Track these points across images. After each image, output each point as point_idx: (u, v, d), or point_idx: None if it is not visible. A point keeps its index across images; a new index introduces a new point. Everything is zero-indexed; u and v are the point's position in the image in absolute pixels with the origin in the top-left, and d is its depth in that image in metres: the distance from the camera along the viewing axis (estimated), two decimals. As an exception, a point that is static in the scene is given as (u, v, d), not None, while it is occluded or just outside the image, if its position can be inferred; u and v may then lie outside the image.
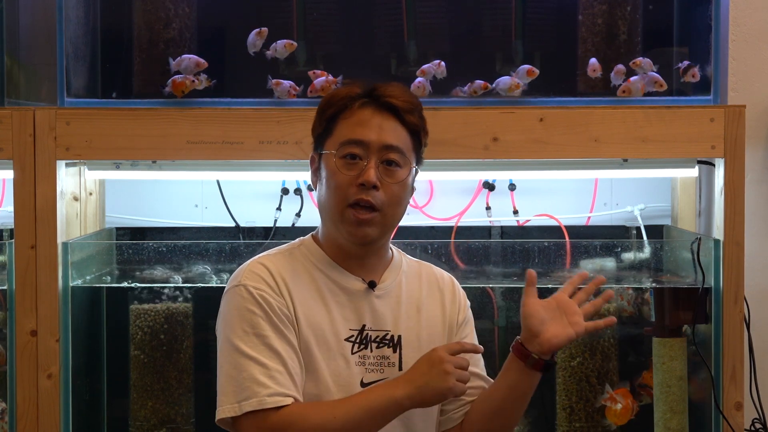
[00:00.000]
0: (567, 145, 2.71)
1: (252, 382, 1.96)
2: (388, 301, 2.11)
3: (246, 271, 2.05)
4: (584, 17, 2.93)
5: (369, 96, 2.07)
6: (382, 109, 2.05)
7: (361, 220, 2.02)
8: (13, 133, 2.70)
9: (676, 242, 3.05)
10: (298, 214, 3.29)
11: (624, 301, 3.08)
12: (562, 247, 2.94)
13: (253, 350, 1.98)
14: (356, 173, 2.03)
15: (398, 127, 2.06)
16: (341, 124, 2.07)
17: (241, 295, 2.02)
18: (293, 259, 2.10)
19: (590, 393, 2.98)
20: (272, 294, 2.02)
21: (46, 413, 2.71)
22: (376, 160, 2.03)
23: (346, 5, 3.02)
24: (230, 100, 2.83)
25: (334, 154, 2.05)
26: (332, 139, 2.07)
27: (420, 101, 2.11)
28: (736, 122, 2.69)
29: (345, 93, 2.08)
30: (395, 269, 2.15)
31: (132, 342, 3.05)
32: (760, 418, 2.97)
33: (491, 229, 3.30)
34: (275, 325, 2.00)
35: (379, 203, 2.02)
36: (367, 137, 2.03)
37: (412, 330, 2.12)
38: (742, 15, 3.19)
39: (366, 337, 2.08)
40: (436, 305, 2.17)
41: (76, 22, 2.90)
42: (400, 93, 2.07)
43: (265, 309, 2.00)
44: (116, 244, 3.10)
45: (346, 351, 2.05)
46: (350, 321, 2.07)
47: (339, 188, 2.03)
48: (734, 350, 2.69)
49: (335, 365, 2.04)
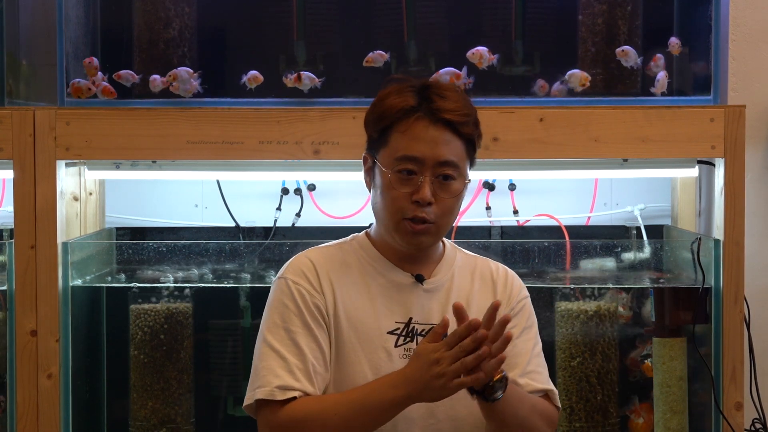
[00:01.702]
0: (567, 145, 2.71)
1: (268, 372, 2.01)
2: (437, 295, 2.12)
3: (291, 264, 2.11)
4: (584, 17, 2.92)
5: (423, 109, 2.04)
6: (437, 123, 2.04)
7: (416, 231, 2.04)
8: (13, 133, 2.71)
9: (676, 242, 3.05)
10: (298, 214, 3.29)
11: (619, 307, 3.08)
12: (562, 247, 2.94)
13: (279, 343, 2.03)
14: (411, 189, 2.03)
15: (453, 139, 2.04)
16: (395, 136, 2.05)
17: (281, 287, 2.08)
18: (343, 252, 2.12)
19: (590, 393, 2.98)
20: (310, 289, 2.07)
21: (46, 413, 2.71)
22: (431, 176, 2.03)
23: (346, 5, 3.01)
24: (230, 100, 2.83)
25: (389, 169, 2.04)
26: (387, 150, 2.06)
27: (474, 107, 2.09)
28: (736, 122, 2.69)
29: (399, 105, 2.05)
30: (447, 264, 2.16)
31: (132, 342, 3.05)
32: (760, 418, 2.97)
33: (491, 229, 3.30)
34: (305, 321, 2.04)
35: (433, 218, 2.04)
36: (422, 153, 2.03)
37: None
38: (742, 15, 3.19)
39: (412, 330, 2.09)
40: (488, 299, 2.14)
41: (76, 22, 2.90)
42: (454, 105, 2.04)
43: (299, 304, 2.05)
44: (116, 244, 3.10)
45: (388, 344, 2.07)
46: (396, 314, 2.08)
47: (394, 202, 2.04)
48: (734, 350, 2.69)
49: (376, 358, 2.05)
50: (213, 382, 3.16)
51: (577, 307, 3.00)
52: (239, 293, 3.10)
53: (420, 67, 2.91)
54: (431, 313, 2.11)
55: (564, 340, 3.00)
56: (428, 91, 2.06)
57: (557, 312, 3.03)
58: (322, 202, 3.30)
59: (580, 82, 2.82)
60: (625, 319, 3.10)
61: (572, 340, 2.99)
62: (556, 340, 3.03)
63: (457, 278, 2.16)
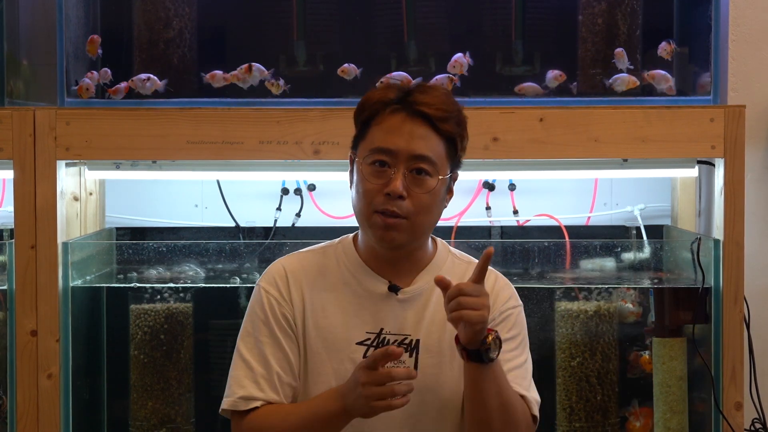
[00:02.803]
0: (567, 145, 2.71)
1: (235, 382, 2.06)
2: (412, 304, 2.09)
3: (267, 271, 2.13)
4: (584, 17, 2.92)
5: (401, 102, 2.02)
6: (414, 117, 2.00)
7: (387, 224, 2.01)
8: (13, 133, 2.71)
9: (676, 242, 3.05)
10: (298, 214, 3.29)
11: (628, 304, 3.08)
12: (562, 247, 2.94)
13: (248, 352, 2.07)
14: (384, 181, 2.01)
15: (431, 135, 2.01)
16: (373, 129, 2.04)
17: (256, 294, 2.11)
18: (325, 258, 2.11)
19: (590, 393, 2.98)
20: (279, 299, 2.07)
21: (46, 413, 2.71)
22: (404, 170, 2.00)
23: (346, 5, 3.02)
24: (230, 100, 2.83)
25: (363, 161, 2.04)
26: (364, 143, 2.06)
27: (459, 106, 2.05)
28: (736, 122, 2.69)
29: (378, 97, 2.05)
30: (433, 271, 2.10)
31: (132, 342, 3.05)
32: (760, 418, 2.97)
33: (491, 229, 3.30)
34: (272, 330, 2.06)
35: (405, 212, 2.00)
36: (395, 146, 2.00)
37: (434, 334, 2.08)
38: (742, 15, 3.19)
39: (383, 341, 2.07)
40: None
41: (76, 22, 2.90)
42: (434, 100, 2.01)
43: (267, 313, 2.07)
44: (116, 244, 3.10)
45: (356, 354, 2.05)
46: (368, 324, 2.07)
47: (366, 195, 2.03)
48: (734, 350, 2.69)
49: (342, 369, 2.04)
50: (213, 382, 3.16)
51: (577, 307, 3.00)
52: (239, 293, 3.10)
53: (420, 67, 2.91)
54: (405, 323, 2.08)
55: (564, 340, 3.00)
56: (411, 88, 2.04)
57: (557, 312, 3.03)
58: (322, 202, 3.30)
59: (627, 85, 2.82)
60: (636, 316, 3.09)
61: (572, 340, 2.99)
62: (556, 340, 3.03)
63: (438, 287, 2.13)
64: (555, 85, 2.83)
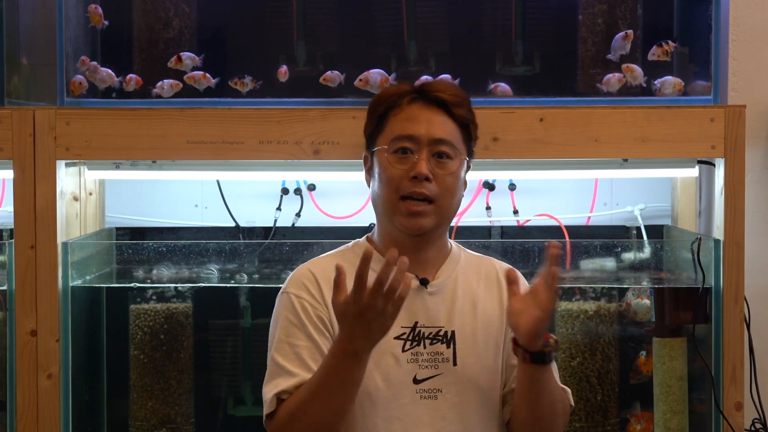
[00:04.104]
0: (567, 145, 2.71)
1: (274, 388, 2.03)
2: (442, 297, 2.13)
3: (292, 277, 2.14)
4: (584, 17, 2.92)
5: (418, 92, 2.12)
6: (431, 104, 2.11)
7: (415, 211, 2.06)
8: (13, 133, 2.70)
9: (676, 242, 3.05)
10: (298, 214, 3.29)
11: (645, 300, 3.06)
12: (562, 247, 2.94)
13: (284, 359, 2.05)
14: (408, 167, 2.07)
15: (447, 120, 2.11)
16: (392, 121, 2.12)
17: (284, 303, 2.11)
18: (345, 260, 2.09)
19: (590, 393, 2.98)
20: (312, 301, 2.08)
21: (46, 413, 2.71)
22: (427, 153, 2.07)
23: (346, 5, 3.02)
24: (230, 100, 2.83)
25: (386, 150, 2.09)
26: (383, 135, 2.12)
27: (468, 95, 2.15)
28: (736, 122, 2.69)
29: (394, 91, 2.14)
30: (452, 264, 2.17)
31: (132, 342, 3.05)
32: (760, 418, 2.97)
33: (491, 229, 3.30)
34: (309, 333, 2.06)
35: (432, 194, 2.07)
36: (417, 131, 2.08)
37: (467, 325, 2.13)
38: (742, 15, 3.19)
39: (419, 334, 2.10)
40: (494, 299, 2.18)
41: (76, 22, 2.90)
42: (447, 87, 2.13)
43: (301, 317, 2.07)
44: (116, 244, 3.10)
45: (395, 349, 2.08)
46: (402, 319, 2.06)
47: (391, 181, 2.07)
48: (734, 350, 2.69)
49: (385, 364, 2.06)
50: (213, 382, 3.16)
51: (577, 307, 3.00)
52: (239, 293, 3.10)
53: (420, 67, 2.91)
54: (437, 316, 2.12)
55: (564, 340, 3.00)
56: (423, 81, 2.17)
57: (557, 312, 3.03)
58: (322, 202, 3.30)
59: (674, 87, 2.82)
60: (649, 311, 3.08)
61: (572, 340, 2.99)
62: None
63: (461, 279, 2.17)
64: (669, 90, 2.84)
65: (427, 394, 2.08)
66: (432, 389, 2.09)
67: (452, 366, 2.10)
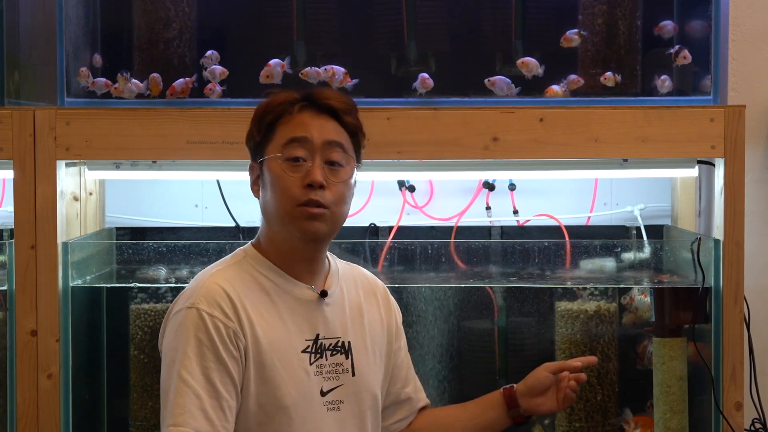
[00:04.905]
0: (567, 145, 2.72)
1: (183, 410, 1.96)
2: (335, 308, 2.13)
3: (201, 293, 2.03)
4: (584, 17, 2.93)
5: (306, 100, 2.09)
6: (322, 112, 2.08)
7: (312, 214, 2.03)
8: (13, 133, 2.70)
9: (676, 242, 3.05)
10: (298, 214, 3.28)
11: (648, 298, 3.05)
12: (562, 247, 2.94)
13: (193, 379, 1.97)
14: (302, 174, 2.04)
15: (338, 127, 2.08)
16: (282, 129, 2.07)
17: (194, 319, 2.01)
18: (243, 272, 2.09)
19: (590, 393, 2.98)
20: (225, 320, 2.01)
21: (46, 413, 2.71)
22: (320, 161, 2.04)
23: (346, 5, 3.02)
24: (230, 100, 2.83)
25: (278, 157, 2.05)
26: (273, 143, 2.08)
27: (355, 103, 2.13)
28: (736, 122, 2.69)
29: (282, 99, 2.10)
30: (335, 275, 2.16)
31: (132, 342, 3.05)
32: (760, 418, 2.97)
33: (491, 229, 3.30)
34: (219, 355, 1.99)
35: (326, 202, 2.04)
36: (309, 134, 2.05)
37: (359, 334, 2.15)
38: (742, 15, 3.19)
39: (321, 346, 2.09)
40: (374, 309, 2.21)
41: (76, 22, 2.90)
42: (335, 95, 2.11)
43: (213, 336, 1.99)
44: (116, 244, 3.10)
45: (305, 363, 2.06)
46: (305, 331, 2.07)
47: (286, 190, 2.04)
48: (734, 350, 2.69)
49: (297, 378, 2.04)
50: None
51: (577, 307, 3.01)
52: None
53: (420, 67, 2.91)
54: (334, 326, 2.11)
55: (564, 340, 3.00)
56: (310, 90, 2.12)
57: (557, 312, 3.04)
58: (322, 202, 3.29)
59: (663, 84, 2.83)
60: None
61: (572, 340, 2.99)
62: (556, 340, 3.03)
63: (345, 288, 2.17)
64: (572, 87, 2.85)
65: (332, 405, 2.08)
66: (335, 401, 2.08)
67: (351, 376, 2.10)
